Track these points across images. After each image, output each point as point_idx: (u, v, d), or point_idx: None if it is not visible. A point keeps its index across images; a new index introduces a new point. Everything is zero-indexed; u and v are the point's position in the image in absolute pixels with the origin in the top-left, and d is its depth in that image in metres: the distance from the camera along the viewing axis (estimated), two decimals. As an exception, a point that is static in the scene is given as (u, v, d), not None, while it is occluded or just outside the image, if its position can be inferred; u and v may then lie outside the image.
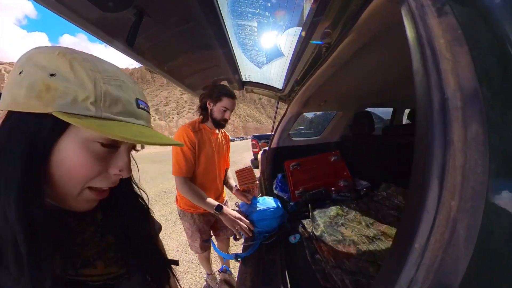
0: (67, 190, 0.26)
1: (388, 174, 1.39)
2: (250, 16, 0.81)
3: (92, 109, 0.24)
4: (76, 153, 0.25)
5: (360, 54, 0.74)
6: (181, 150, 0.97)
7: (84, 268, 0.29)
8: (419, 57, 0.22)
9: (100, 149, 0.26)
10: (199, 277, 1.72)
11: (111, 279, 0.32)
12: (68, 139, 0.24)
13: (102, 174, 0.27)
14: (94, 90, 0.24)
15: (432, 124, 0.20)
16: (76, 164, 0.25)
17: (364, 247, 0.82)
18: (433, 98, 0.20)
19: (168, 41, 0.87)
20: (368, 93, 1.40)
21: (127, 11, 0.67)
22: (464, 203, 0.19)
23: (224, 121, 1.03)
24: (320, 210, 1.15)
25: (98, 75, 0.25)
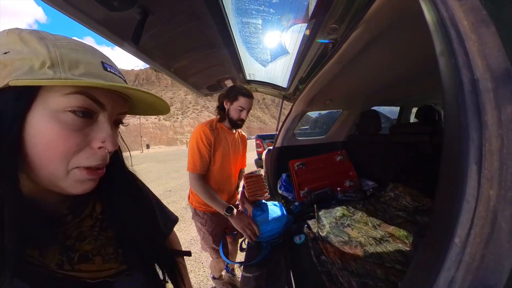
0: (51, 170, 0.24)
1: (395, 174, 1.35)
2: (254, 13, 0.80)
3: (50, 73, 0.22)
4: (48, 127, 0.23)
5: (367, 50, 0.72)
6: (197, 147, 0.99)
7: (82, 263, 0.28)
8: (443, 40, 0.20)
9: (73, 119, 0.24)
10: (203, 276, 1.72)
11: (110, 276, 0.30)
12: (36, 113, 0.23)
13: (84, 149, 0.25)
14: (49, 54, 0.23)
15: (465, 106, 0.19)
16: (51, 139, 0.23)
17: (371, 249, 0.80)
18: (463, 79, 0.19)
19: (173, 39, 0.87)
20: (374, 91, 1.37)
21: (132, 10, 0.67)
22: (505, 192, 0.17)
23: (240, 121, 1.03)
24: (326, 210, 1.13)
25: (49, 42, 0.24)
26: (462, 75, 0.19)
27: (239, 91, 1.01)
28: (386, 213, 1.10)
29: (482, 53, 0.18)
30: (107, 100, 0.26)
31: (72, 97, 0.23)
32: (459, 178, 0.19)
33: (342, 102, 1.60)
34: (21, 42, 0.23)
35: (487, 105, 0.18)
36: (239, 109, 1.01)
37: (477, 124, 0.18)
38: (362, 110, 1.62)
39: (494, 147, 0.18)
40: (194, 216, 1.15)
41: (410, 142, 1.23)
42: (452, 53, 0.20)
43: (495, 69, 0.18)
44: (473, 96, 0.18)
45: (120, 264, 0.32)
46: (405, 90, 1.45)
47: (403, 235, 0.88)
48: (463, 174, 0.19)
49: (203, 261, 1.90)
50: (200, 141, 0.99)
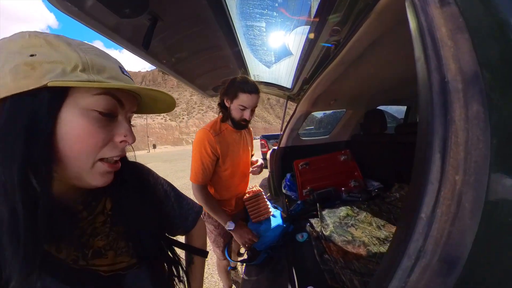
0: (80, 163, 0.26)
1: (401, 174, 1.34)
2: (258, 16, 0.82)
3: (84, 76, 0.24)
4: (79, 123, 0.25)
5: (371, 50, 0.72)
6: (199, 158, 0.91)
7: (95, 258, 0.30)
8: (420, 46, 0.23)
9: (99, 118, 0.27)
10: (207, 273, 1.75)
11: (122, 269, 0.32)
12: (67, 111, 0.25)
13: (109, 143, 0.28)
14: (80, 59, 0.25)
15: (432, 105, 0.22)
16: (82, 134, 0.25)
17: (375, 249, 0.80)
18: (432, 81, 0.22)
19: (180, 43, 0.91)
20: (379, 91, 1.36)
21: (142, 17, 0.71)
22: (469, 177, 0.20)
23: (244, 121, 0.91)
24: (330, 210, 1.13)
25: (77, 47, 0.26)
26: (432, 78, 0.22)
27: (238, 86, 0.85)
28: (391, 213, 1.09)
29: (456, 57, 0.21)
30: (126, 100, 0.30)
31: (100, 97, 0.26)
32: (426, 165, 0.22)
33: (347, 102, 1.60)
34: (48, 46, 0.24)
35: (455, 103, 0.20)
36: (241, 108, 0.87)
37: (443, 120, 0.21)
38: (367, 109, 1.61)
39: (461, 140, 0.20)
40: (206, 219, 1.12)
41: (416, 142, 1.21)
42: (425, 59, 0.22)
43: (466, 72, 0.20)
44: (441, 96, 0.21)
45: (131, 258, 0.34)
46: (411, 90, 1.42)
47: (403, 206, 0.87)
48: (429, 161, 0.22)
49: (208, 259, 1.92)
50: (204, 151, 0.90)
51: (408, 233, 0.23)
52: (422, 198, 0.22)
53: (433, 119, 0.22)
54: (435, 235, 0.21)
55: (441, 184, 0.21)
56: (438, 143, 0.21)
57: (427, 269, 0.22)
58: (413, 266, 0.22)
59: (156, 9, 0.70)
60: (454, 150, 0.20)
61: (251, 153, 1.16)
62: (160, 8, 0.70)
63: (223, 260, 1.20)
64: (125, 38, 0.77)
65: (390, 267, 0.24)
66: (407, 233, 0.23)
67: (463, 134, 0.20)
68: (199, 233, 0.54)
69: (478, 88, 0.20)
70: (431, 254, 0.21)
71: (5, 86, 0.23)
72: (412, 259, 0.22)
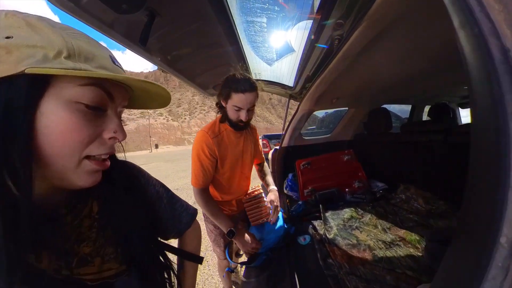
0: (63, 162, 0.23)
1: (406, 175, 1.30)
2: (259, 12, 0.79)
3: (69, 64, 0.22)
4: (63, 116, 0.22)
5: (375, 45, 0.69)
6: (198, 160, 0.88)
7: (80, 267, 0.27)
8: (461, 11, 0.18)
9: (86, 111, 0.24)
10: (207, 274, 1.74)
11: (111, 277, 0.29)
12: (49, 102, 0.22)
13: (96, 139, 0.25)
14: (65, 44, 0.22)
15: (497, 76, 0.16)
16: (66, 129, 0.23)
17: (381, 253, 0.77)
18: (491, 48, 0.16)
19: (179, 40, 0.88)
20: (383, 89, 1.32)
21: (140, 12, 0.69)
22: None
23: (240, 122, 0.85)
24: (333, 211, 1.10)
25: (63, 31, 0.23)
26: (489, 44, 0.16)
27: (231, 86, 0.80)
28: (396, 216, 1.05)
29: (509, 22, 0.16)
30: (116, 92, 0.27)
31: (87, 88, 0.23)
32: (499, 164, 0.15)
33: (349, 100, 1.56)
34: (28, 28, 0.21)
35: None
36: (235, 109, 0.82)
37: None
38: (371, 108, 1.57)
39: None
40: (206, 219, 1.10)
41: (422, 141, 1.17)
42: (474, 22, 0.17)
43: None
44: (506, 66, 0.16)
45: (120, 265, 0.31)
46: (417, 88, 1.38)
47: (415, 240, 0.84)
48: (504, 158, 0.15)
49: (208, 260, 1.92)
50: (202, 153, 0.87)
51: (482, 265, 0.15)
52: (500, 214, 0.15)
53: (502, 94, 0.15)
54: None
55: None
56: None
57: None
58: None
59: (154, 4, 0.68)
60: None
61: (255, 154, 1.09)
62: (158, 3, 0.68)
63: (224, 259, 1.17)
64: (122, 34, 0.75)
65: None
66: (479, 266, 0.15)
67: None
68: (193, 237, 0.51)
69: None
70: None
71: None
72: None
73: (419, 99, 2.03)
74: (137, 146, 57.13)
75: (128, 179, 0.36)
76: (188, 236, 0.49)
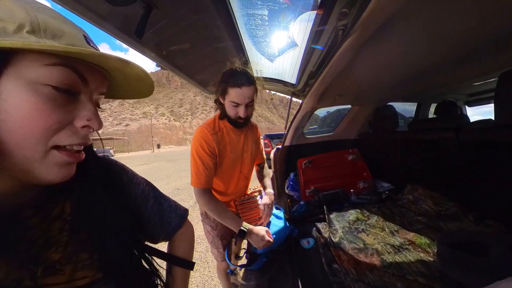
0: (27, 151, 0.21)
1: (414, 175, 1.25)
2: (260, 3, 0.75)
3: (32, 38, 0.19)
4: (25, 99, 0.20)
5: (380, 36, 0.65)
6: (198, 157, 0.83)
7: (48, 276, 0.24)
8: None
9: (54, 94, 0.21)
10: (207, 276, 1.71)
11: (84, 286, 0.26)
12: (8, 83, 0.19)
13: (65, 127, 0.23)
14: (29, 18, 0.20)
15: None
16: (29, 113, 0.20)
17: (390, 258, 0.73)
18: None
19: (177, 34, 0.85)
20: (388, 85, 1.27)
21: (135, 4, 0.65)
22: None
23: (239, 119, 0.81)
24: (338, 213, 1.06)
25: (27, 4, 0.20)
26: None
27: (227, 80, 0.76)
28: (404, 217, 1.01)
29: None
30: (91, 76, 0.24)
31: (56, 68, 0.20)
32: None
33: (352, 97, 1.51)
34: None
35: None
36: (233, 105, 0.78)
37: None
38: (376, 106, 1.52)
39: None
40: (204, 219, 1.06)
41: (431, 140, 1.12)
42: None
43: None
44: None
45: (96, 272, 0.28)
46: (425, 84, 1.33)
47: (425, 243, 0.79)
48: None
49: (208, 261, 1.89)
50: (202, 150, 0.82)
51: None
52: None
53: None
54: None
55: None
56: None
57: None
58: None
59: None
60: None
61: (256, 154, 1.04)
62: (154, -6, 0.65)
63: (221, 261, 1.14)
64: (117, 27, 0.72)
65: None
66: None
67: None
68: (184, 239, 0.47)
69: None
70: None
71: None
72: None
73: (426, 97, 1.97)
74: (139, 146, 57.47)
75: (107, 176, 0.32)
76: (178, 239, 0.45)
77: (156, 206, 0.41)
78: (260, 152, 1.07)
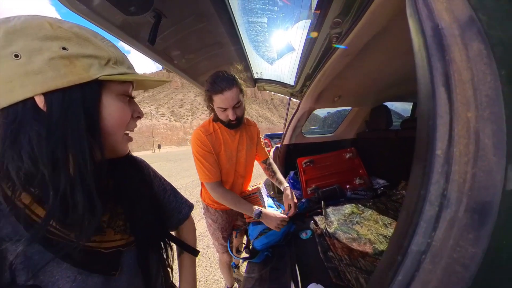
0: (117, 136, 0.32)
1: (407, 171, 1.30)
2: (260, 12, 0.82)
3: (118, 69, 0.30)
4: (117, 106, 0.31)
5: (375, 42, 0.71)
6: (201, 157, 0.88)
7: (96, 235, 0.31)
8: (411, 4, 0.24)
9: (126, 100, 0.33)
10: (209, 271, 1.76)
11: (122, 246, 0.34)
12: (107, 97, 0.30)
13: (130, 119, 0.34)
14: (108, 53, 0.29)
15: (427, 47, 0.21)
16: (120, 114, 0.31)
17: (382, 247, 0.79)
18: (425, 28, 0.22)
19: (184, 40, 0.91)
20: (385, 86, 1.33)
21: (147, 14, 0.72)
22: (482, 112, 0.19)
23: (231, 121, 0.83)
24: (334, 207, 1.12)
25: (101, 41, 0.29)
26: (424, 26, 0.22)
27: (210, 88, 0.79)
28: (397, 211, 1.07)
29: (450, 9, 0.21)
30: None
31: (127, 84, 0.32)
32: (431, 100, 0.21)
33: (352, 98, 1.57)
34: (77, 39, 0.26)
35: (453, 46, 0.20)
36: (221, 110, 0.81)
37: (441, 59, 0.21)
38: (373, 106, 1.58)
39: (465, 77, 0.20)
40: (205, 212, 1.13)
41: None
42: (416, 12, 0.23)
43: (460, 18, 0.20)
44: (438, 39, 0.21)
45: (129, 236, 0.36)
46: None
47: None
48: (433, 96, 0.21)
49: (210, 257, 1.94)
50: (200, 149, 0.88)
51: (426, 173, 0.21)
52: (433, 133, 0.20)
53: (430, 57, 0.21)
54: (457, 179, 0.19)
55: (452, 119, 0.20)
56: (439, 78, 0.21)
57: (454, 223, 0.19)
58: (438, 216, 0.20)
59: (160, 6, 0.71)
60: (460, 87, 0.20)
61: (253, 152, 1.07)
62: (164, 5, 0.71)
63: (223, 253, 1.20)
64: (130, 35, 0.78)
65: (411, 217, 0.22)
66: (424, 173, 0.21)
67: (467, 72, 0.20)
68: (190, 229, 0.56)
69: (476, 29, 0.20)
70: (456, 203, 0.19)
71: (48, 82, 0.24)
72: (436, 206, 0.20)
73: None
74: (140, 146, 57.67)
75: (139, 167, 0.42)
76: (185, 228, 0.54)
77: (172, 197, 0.51)
78: (261, 149, 1.09)
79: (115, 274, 0.32)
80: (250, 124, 1.05)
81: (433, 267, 0.20)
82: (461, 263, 0.19)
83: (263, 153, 1.11)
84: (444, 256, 0.20)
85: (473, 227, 0.19)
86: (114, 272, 0.32)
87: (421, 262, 0.21)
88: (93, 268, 0.30)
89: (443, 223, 0.20)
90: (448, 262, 0.20)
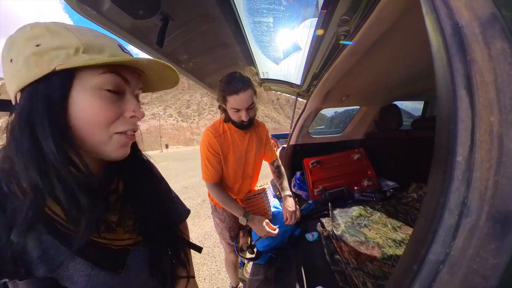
0: (96, 137, 0.29)
1: (418, 173, 1.26)
2: (265, 12, 0.81)
3: (86, 57, 0.26)
4: (90, 101, 0.27)
5: (384, 40, 0.68)
6: (206, 158, 0.92)
7: (106, 232, 0.32)
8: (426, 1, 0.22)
9: (108, 95, 0.29)
10: (215, 269, 1.78)
11: (130, 245, 0.35)
12: (77, 91, 0.27)
13: (119, 118, 0.30)
14: (80, 41, 0.27)
15: (447, 47, 0.20)
16: (93, 111, 0.28)
17: (391, 251, 0.76)
18: (444, 27, 0.21)
19: (191, 42, 0.92)
20: (395, 85, 1.29)
21: (154, 17, 0.73)
22: (506, 116, 0.18)
23: (243, 122, 0.84)
24: (341, 209, 1.09)
25: (75, 31, 0.27)
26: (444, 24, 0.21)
27: (224, 89, 0.80)
28: (408, 215, 1.03)
29: (470, 5, 0.20)
30: (131, 77, 0.31)
31: (106, 76, 0.28)
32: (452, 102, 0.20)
33: (360, 98, 1.53)
34: (49, 34, 0.26)
35: (474, 45, 0.19)
36: (234, 111, 0.82)
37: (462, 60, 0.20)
38: (382, 105, 1.54)
39: (488, 79, 0.19)
40: (213, 212, 1.15)
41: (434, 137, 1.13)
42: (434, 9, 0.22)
43: (481, 16, 0.19)
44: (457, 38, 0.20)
45: (138, 235, 0.37)
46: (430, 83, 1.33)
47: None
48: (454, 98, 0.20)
49: (215, 255, 1.96)
50: (208, 151, 0.91)
51: (446, 179, 0.20)
52: (454, 138, 0.19)
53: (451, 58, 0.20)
54: (478, 187, 0.18)
55: (474, 124, 0.19)
56: (461, 79, 0.19)
57: (474, 232, 0.18)
58: (457, 225, 0.19)
59: (167, 10, 0.72)
60: (482, 89, 0.19)
61: (262, 153, 1.07)
62: (171, 8, 0.72)
63: (230, 252, 1.21)
64: (138, 38, 0.80)
65: (429, 225, 0.21)
66: (444, 180, 0.20)
67: (489, 73, 0.18)
68: (186, 230, 0.57)
69: (499, 27, 0.18)
70: (477, 211, 0.18)
71: (22, 78, 0.26)
72: (456, 215, 0.19)
73: (433, 95, 1.95)
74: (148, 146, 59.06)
75: (149, 168, 0.43)
76: (184, 228, 0.55)
77: (176, 198, 0.53)
78: (269, 150, 1.10)
79: (121, 272, 0.32)
80: (259, 125, 1.05)
81: (450, 277, 0.19)
82: (481, 274, 0.18)
83: (272, 154, 1.12)
84: (463, 266, 0.19)
85: (494, 237, 0.18)
86: (120, 270, 0.32)
87: (438, 272, 0.19)
88: (102, 264, 0.30)
89: (462, 232, 0.19)
90: (467, 273, 0.18)
